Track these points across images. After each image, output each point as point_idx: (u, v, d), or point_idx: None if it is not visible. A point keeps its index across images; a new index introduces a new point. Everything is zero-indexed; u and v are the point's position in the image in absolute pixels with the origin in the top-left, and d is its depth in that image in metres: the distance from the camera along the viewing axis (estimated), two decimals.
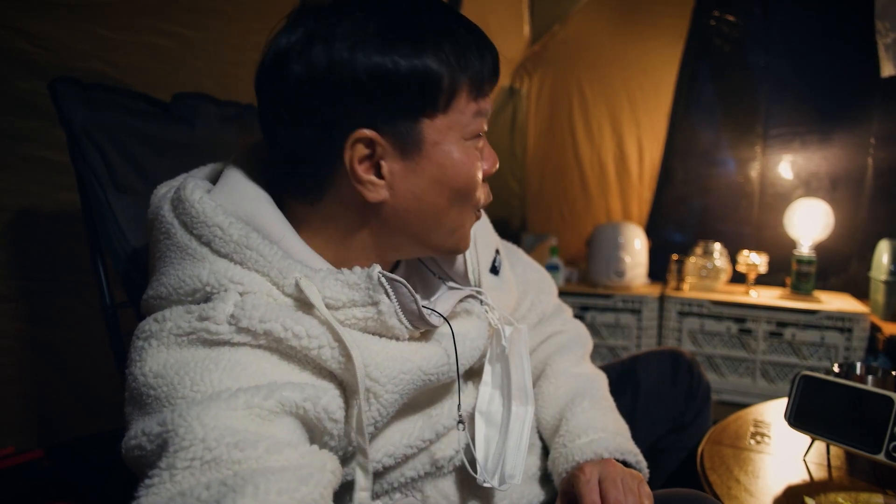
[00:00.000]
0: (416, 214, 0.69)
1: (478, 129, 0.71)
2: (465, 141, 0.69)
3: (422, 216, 0.69)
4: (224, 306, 0.60)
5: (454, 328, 0.72)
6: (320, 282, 0.64)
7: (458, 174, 0.69)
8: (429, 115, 0.66)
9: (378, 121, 0.64)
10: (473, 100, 0.69)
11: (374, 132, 0.64)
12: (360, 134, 0.64)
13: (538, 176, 2.98)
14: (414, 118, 0.65)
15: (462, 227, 0.74)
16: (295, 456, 0.54)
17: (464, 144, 0.69)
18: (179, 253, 0.66)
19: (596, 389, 0.92)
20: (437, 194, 0.69)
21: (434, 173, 0.67)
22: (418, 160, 0.67)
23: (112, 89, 0.99)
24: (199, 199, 0.65)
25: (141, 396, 0.59)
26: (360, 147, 0.65)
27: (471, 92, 0.68)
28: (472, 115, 0.69)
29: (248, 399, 0.55)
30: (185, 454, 0.51)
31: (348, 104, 0.63)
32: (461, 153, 0.69)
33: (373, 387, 0.64)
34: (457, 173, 0.69)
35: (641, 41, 2.65)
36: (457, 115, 0.68)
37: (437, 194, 0.69)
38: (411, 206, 0.68)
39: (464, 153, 0.69)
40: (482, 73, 0.69)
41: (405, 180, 0.67)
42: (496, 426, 0.77)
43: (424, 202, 0.68)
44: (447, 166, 0.68)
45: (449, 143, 0.68)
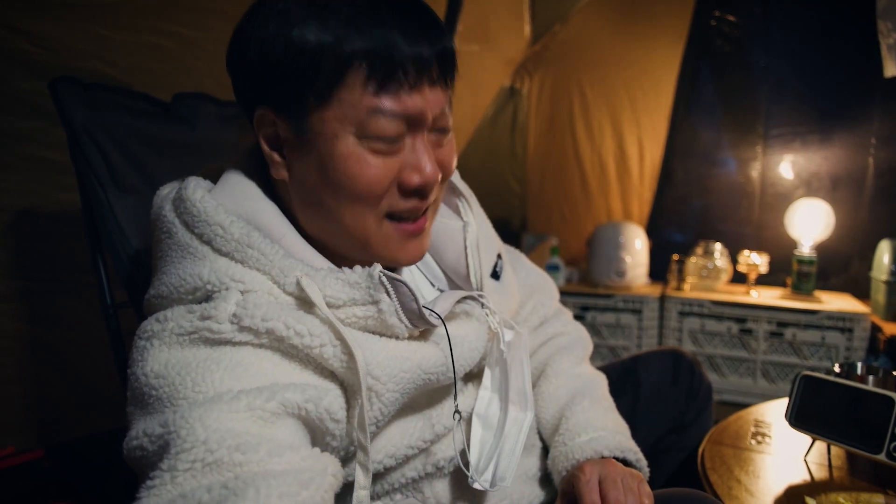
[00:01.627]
0: (311, 205, 0.68)
1: (382, 131, 0.63)
2: (360, 139, 0.63)
3: (316, 209, 0.68)
4: (226, 305, 0.60)
5: (452, 330, 0.72)
6: (321, 280, 0.64)
7: (340, 170, 0.64)
8: (312, 101, 0.63)
9: (272, 99, 0.65)
10: (374, 92, 0.61)
11: (269, 110, 0.65)
12: (260, 111, 0.66)
13: (539, 176, 2.98)
14: (300, 102, 0.63)
15: (364, 234, 0.68)
16: (296, 459, 0.53)
17: (355, 143, 0.63)
18: (181, 252, 0.66)
19: (595, 389, 0.92)
20: (325, 190, 0.66)
21: (317, 163, 0.65)
22: (307, 148, 0.65)
23: (112, 89, 0.99)
24: (200, 199, 0.66)
25: (143, 396, 0.59)
26: (265, 123, 0.67)
27: (369, 79, 0.61)
28: (367, 111, 0.62)
29: (250, 401, 0.55)
30: (186, 456, 0.51)
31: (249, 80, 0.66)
32: (348, 149, 0.63)
33: (374, 385, 0.64)
34: (338, 168, 0.64)
35: (642, 41, 2.65)
36: (345, 107, 0.62)
37: (325, 190, 0.66)
38: (305, 196, 0.68)
39: (352, 150, 0.63)
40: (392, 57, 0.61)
41: (297, 166, 0.67)
42: (492, 429, 0.77)
43: (314, 194, 0.67)
44: (328, 159, 0.64)
45: (334, 137, 0.63)
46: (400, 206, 0.68)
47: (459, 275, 0.83)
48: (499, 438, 0.75)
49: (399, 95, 0.62)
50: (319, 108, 0.63)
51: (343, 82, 0.61)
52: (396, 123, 0.63)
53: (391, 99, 0.62)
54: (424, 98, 0.64)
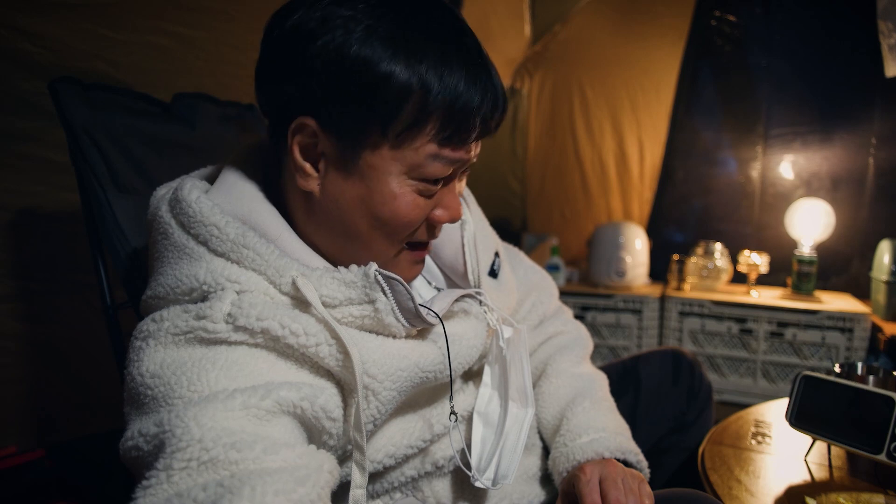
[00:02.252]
0: (336, 222, 0.68)
1: (434, 175, 0.65)
2: (409, 178, 0.65)
3: (342, 227, 0.68)
4: (221, 305, 0.60)
5: (449, 329, 0.72)
6: (317, 280, 0.64)
7: (385, 207, 0.65)
8: (377, 136, 0.62)
9: (324, 114, 0.63)
10: (439, 143, 0.63)
11: (315, 123, 0.63)
12: (303, 120, 0.64)
13: (539, 176, 2.98)
14: (361, 130, 0.62)
15: (381, 258, 0.69)
16: (292, 456, 0.53)
17: (404, 182, 0.65)
18: (177, 253, 0.66)
19: (597, 390, 0.92)
20: (359, 214, 0.66)
21: (361, 193, 0.65)
22: (352, 171, 0.65)
23: (112, 89, 0.99)
24: (195, 199, 0.65)
25: (138, 396, 0.59)
26: (304, 132, 0.64)
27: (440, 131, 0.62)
28: (428, 157, 0.63)
29: (245, 399, 0.55)
30: (181, 455, 0.51)
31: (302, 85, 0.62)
32: (397, 189, 0.65)
33: (371, 384, 0.64)
34: (383, 205, 0.65)
35: (642, 41, 2.65)
36: (407, 151, 0.63)
37: (359, 214, 0.66)
38: (333, 212, 0.67)
39: (400, 191, 0.65)
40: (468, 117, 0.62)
41: (334, 184, 0.66)
42: (493, 427, 0.77)
43: (345, 214, 0.67)
44: (376, 193, 0.65)
45: (387, 174, 0.64)
46: (422, 238, 0.71)
47: (457, 272, 0.83)
48: (500, 436, 0.75)
49: (460, 147, 0.65)
50: (381, 145, 0.63)
51: (417, 129, 0.62)
52: (448, 169, 0.66)
53: (452, 150, 0.64)
54: (475, 151, 0.68)
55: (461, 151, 0.65)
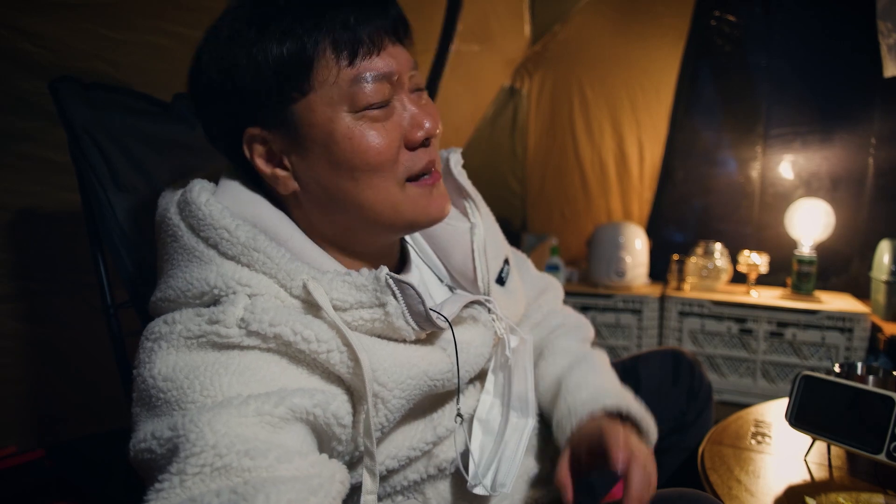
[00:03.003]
0: (330, 201, 0.68)
1: (370, 98, 0.64)
2: (354, 114, 0.64)
3: (336, 202, 0.68)
4: (234, 310, 0.61)
5: (458, 336, 0.72)
6: (328, 283, 0.64)
7: (347, 150, 0.64)
8: (294, 97, 0.64)
9: (259, 115, 0.65)
10: (348, 63, 0.64)
11: (259, 129, 0.66)
12: (250, 132, 0.66)
13: (539, 176, 2.97)
14: (284, 103, 0.64)
15: (392, 203, 0.68)
16: (305, 465, 0.54)
17: (352, 119, 0.64)
18: (187, 255, 0.66)
19: (595, 359, 0.91)
20: (339, 176, 0.66)
21: (324, 156, 0.65)
22: (307, 146, 0.65)
23: (112, 89, 0.99)
24: (205, 202, 0.65)
25: (150, 398, 0.59)
26: (256, 144, 0.67)
27: (338, 54, 0.63)
28: (349, 83, 0.64)
29: (259, 406, 0.55)
30: (195, 460, 0.51)
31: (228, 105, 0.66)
32: (348, 128, 0.64)
33: (380, 391, 0.64)
34: (345, 149, 0.64)
35: (642, 41, 2.64)
36: (328, 88, 0.63)
37: (339, 176, 0.66)
38: (321, 194, 0.68)
39: (352, 127, 0.64)
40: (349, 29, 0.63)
41: (305, 169, 0.67)
42: (492, 434, 0.77)
43: (330, 188, 0.67)
44: (332, 144, 0.65)
45: (329, 122, 0.64)
46: (415, 165, 0.69)
47: (467, 278, 0.83)
48: (499, 444, 0.75)
49: (371, 59, 0.64)
50: (305, 99, 0.64)
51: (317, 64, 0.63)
52: (380, 87, 0.65)
53: (367, 62, 0.64)
54: (393, 57, 0.66)
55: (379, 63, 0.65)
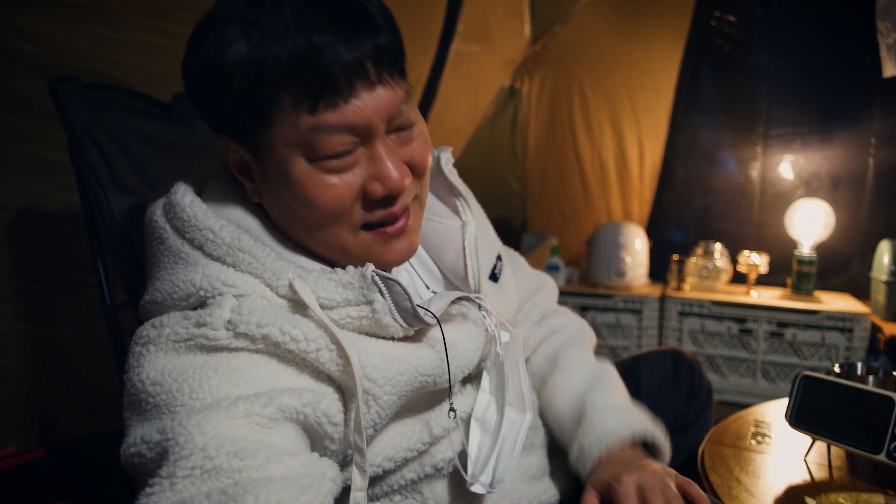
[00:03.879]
0: (287, 225, 0.68)
1: (330, 149, 0.60)
2: (311, 161, 0.61)
3: (292, 227, 0.68)
4: (221, 312, 0.60)
5: (447, 333, 0.71)
6: (314, 282, 0.64)
7: (298, 196, 0.62)
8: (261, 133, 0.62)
9: (226, 127, 0.65)
10: (309, 110, 0.58)
11: (227, 138, 0.66)
12: (223, 140, 0.66)
13: (539, 176, 2.98)
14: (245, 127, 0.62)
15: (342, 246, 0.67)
16: (295, 464, 0.53)
17: (307, 166, 0.61)
18: (172, 257, 0.66)
19: (612, 377, 0.93)
20: (287, 212, 0.66)
21: (277, 190, 0.64)
22: (267, 173, 0.65)
23: (112, 89, 0.99)
24: (189, 203, 0.65)
25: (140, 403, 0.59)
26: (230, 151, 0.67)
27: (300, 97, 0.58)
28: (308, 129, 0.59)
29: (248, 407, 0.55)
30: (185, 463, 0.51)
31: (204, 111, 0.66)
32: (301, 174, 0.61)
33: (371, 388, 0.64)
34: (296, 195, 0.62)
35: (642, 41, 2.65)
36: (287, 129, 0.59)
37: (287, 212, 0.66)
38: (279, 213, 0.68)
39: (305, 175, 0.61)
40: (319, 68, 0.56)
41: (265, 188, 0.67)
42: (489, 432, 0.77)
43: (285, 215, 0.67)
44: (285, 186, 0.63)
45: (286, 163, 0.61)
46: (373, 219, 0.66)
47: (458, 276, 0.83)
48: (496, 441, 0.75)
49: (337, 107, 0.58)
50: (265, 131, 0.62)
51: (276, 102, 0.59)
52: (343, 138, 0.60)
53: (330, 113, 0.58)
54: (365, 104, 0.60)
55: (344, 114, 0.58)
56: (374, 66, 0.59)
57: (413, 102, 0.67)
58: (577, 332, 1.01)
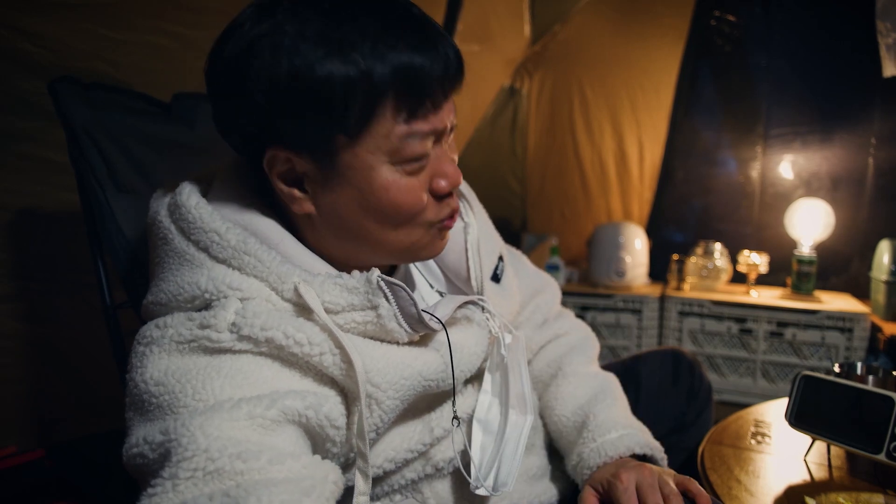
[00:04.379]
0: (346, 232, 0.67)
1: (414, 153, 0.63)
2: (395, 165, 0.63)
3: (353, 235, 0.67)
4: (225, 314, 0.60)
5: (452, 336, 0.71)
6: (319, 286, 0.64)
7: (382, 201, 0.64)
8: (342, 136, 0.61)
9: (288, 138, 0.62)
10: (405, 121, 0.61)
11: (285, 150, 0.62)
12: (273, 152, 0.63)
13: (539, 176, 2.98)
14: (325, 137, 0.61)
15: (416, 244, 0.69)
16: (297, 467, 0.53)
17: (391, 170, 0.63)
18: (177, 259, 0.65)
19: (614, 389, 0.93)
20: (363, 217, 0.65)
21: (355, 197, 0.64)
22: (338, 181, 0.63)
23: (112, 89, 0.99)
24: (195, 205, 0.65)
25: (142, 403, 0.59)
26: (278, 161, 0.64)
27: (398, 110, 0.60)
28: (400, 138, 0.61)
29: (251, 409, 0.55)
30: (187, 464, 0.51)
31: (255, 119, 0.62)
32: (386, 180, 0.63)
33: (374, 392, 0.64)
34: (379, 200, 0.64)
35: (642, 41, 2.65)
36: (378, 139, 0.61)
37: (363, 217, 0.65)
38: (339, 224, 0.66)
39: (390, 180, 0.63)
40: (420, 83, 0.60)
41: (327, 198, 0.65)
42: (492, 434, 0.77)
43: (351, 222, 0.66)
44: (368, 193, 0.63)
45: (369, 169, 0.62)
46: (441, 214, 0.69)
47: (460, 277, 0.83)
48: (499, 443, 0.75)
49: (427, 117, 0.62)
50: (351, 144, 0.61)
51: (376, 114, 0.60)
52: (425, 142, 0.64)
53: (421, 122, 0.62)
54: (446, 112, 0.65)
55: (432, 121, 0.63)
56: (453, 76, 0.64)
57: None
58: (582, 340, 1.01)
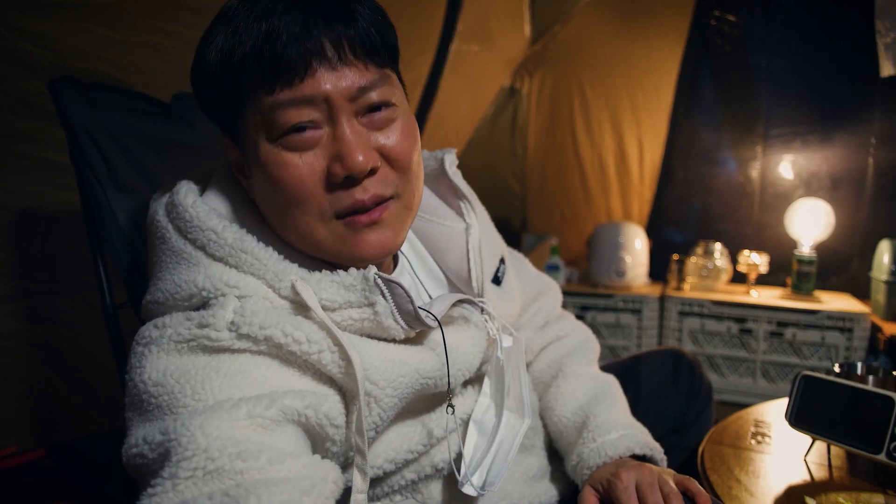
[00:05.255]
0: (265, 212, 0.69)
1: (287, 124, 0.61)
2: (273, 142, 0.62)
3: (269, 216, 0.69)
4: (224, 313, 0.60)
5: (449, 336, 0.71)
6: (316, 283, 0.64)
7: (268, 181, 0.63)
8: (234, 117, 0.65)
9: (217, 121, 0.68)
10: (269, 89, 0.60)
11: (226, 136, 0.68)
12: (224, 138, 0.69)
13: (539, 176, 2.98)
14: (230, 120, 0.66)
15: (313, 237, 0.66)
16: (297, 466, 0.54)
17: (270, 147, 0.62)
18: (175, 258, 0.66)
19: (615, 390, 0.93)
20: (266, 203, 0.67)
21: (258, 179, 0.66)
22: (249, 163, 0.67)
23: (112, 89, 0.99)
24: (192, 204, 0.65)
25: (141, 403, 0.59)
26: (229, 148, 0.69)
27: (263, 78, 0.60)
28: (268, 108, 0.61)
29: (250, 409, 0.55)
30: (187, 464, 0.51)
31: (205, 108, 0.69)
32: (266, 156, 0.63)
33: (372, 390, 0.64)
34: (266, 180, 0.63)
35: (642, 41, 2.65)
36: (254, 112, 0.62)
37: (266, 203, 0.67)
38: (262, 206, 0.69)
39: (270, 156, 0.62)
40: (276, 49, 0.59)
41: (251, 183, 0.68)
42: (486, 435, 0.77)
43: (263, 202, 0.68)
44: (258, 172, 0.65)
45: (255, 146, 0.63)
46: (342, 204, 0.64)
47: (461, 278, 0.83)
48: (491, 443, 0.75)
49: (293, 85, 0.60)
50: (241, 120, 0.65)
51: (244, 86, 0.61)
52: (300, 111, 0.60)
53: (287, 91, 0.60)
54: (324, 80, 0.60)
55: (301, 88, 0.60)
56: (334, 47, 0.61)
57: (396, 90, 0.67)
58: (583, 343, 1.01)
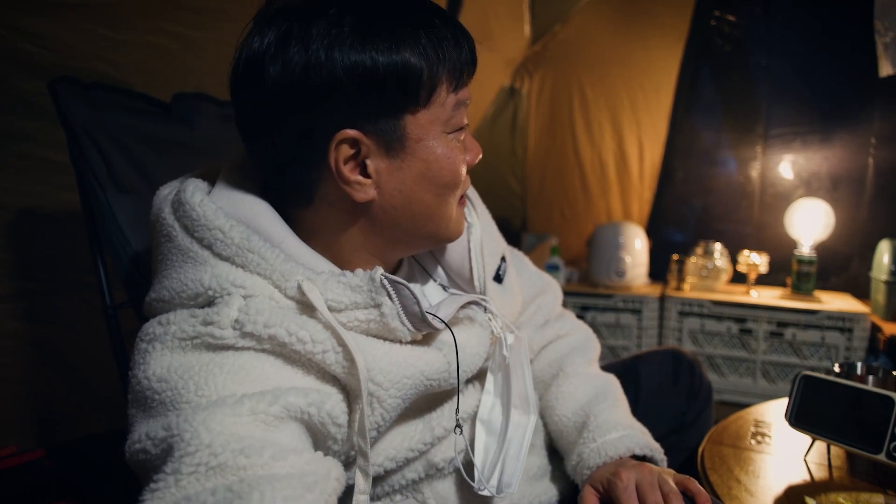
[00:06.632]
0: (404, 210, 0.69)
1: (460, 122, 0.70)
2: (448, 135, 0.69)
3: (410, 212, 0.69)
4: (228, 311, 0.60)
5: (456, 336, 0.72)
6: (322, 284, 0.64)
7: (443, 169, 0.68)
8: (411, 111, 0.65)
9: (360, 120, 0.64)
10: (453, 91, 0.68)
11: (357, 132, 0.64)
12: (343, 135, 0.63)
13: (539, 176, 2.98)
14: (396, 115, 0.65)
15: (450, 217, 0.73)
16: (300, 463, 0.54)
17: (446, 139, 0.68)
18: (181, 256, 0.66)
19: (615, 390, 0.93)
20: (424, 190, 0.68)
21: (419, 169, 0.67)
22: (403, 157, 0.66)
23: (112, 89, 0.99)
24: (199, 202, 0.65)
25: (145, 400, 0.59)
26: (344, 148, 0.64)
27: (450, 83, 0.68)
28: (452, 107, 0.68)
29: (254, 405, 0.55)
30: (190, 459, 0.51)
31: (329, 106, 0.63)
32: (444, 148, 0.68)
33: (376, 391, 0.64)
34: (441, 168, 0.68)
35: (642, 41, 2.65)
36: (437, 108, 0.67)
37: (424, 190, 0.68)
38: (399, 203, 0.68)
39: (447, 148, 0.68)
40: (459, 63, 0.68)
41: (392, 178, 0.67)
42: (495, 434, 0.77)
43: (412, 198, 0.68)
44: (431, 162, 0.67)
45: (432, 139, 0.67)
46: (465, 187, 0.74)
47: (463, 277, 0.83)
48: (502, 444, 0.75)
49: (466, 87, 0.71)
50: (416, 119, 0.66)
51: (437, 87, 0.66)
52: (465, 112, 0.71)
53: (463, 91, 0.70)
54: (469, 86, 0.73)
55: (468, 91, 0.71)
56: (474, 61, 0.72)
57: None
58: (583, 342, 1.01)
